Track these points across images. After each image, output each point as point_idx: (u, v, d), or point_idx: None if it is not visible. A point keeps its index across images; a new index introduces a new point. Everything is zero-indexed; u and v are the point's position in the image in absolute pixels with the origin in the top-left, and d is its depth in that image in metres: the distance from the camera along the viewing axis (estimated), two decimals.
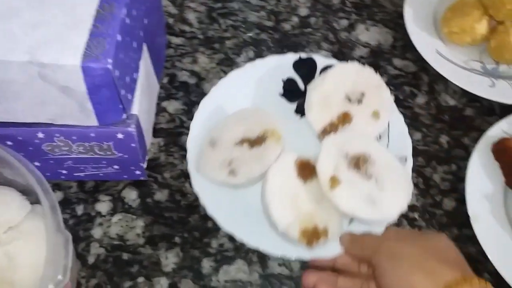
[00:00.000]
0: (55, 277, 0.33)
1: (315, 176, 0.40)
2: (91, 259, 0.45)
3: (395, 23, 0.61)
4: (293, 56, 0.49)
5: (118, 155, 0.43)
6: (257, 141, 0.42)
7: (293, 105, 0.48)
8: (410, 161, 0.45)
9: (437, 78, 0.56)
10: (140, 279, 0.44)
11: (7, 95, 0.37)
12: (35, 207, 0.41)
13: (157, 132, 0.52)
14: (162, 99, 0.54)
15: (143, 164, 0.45)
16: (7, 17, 0.36)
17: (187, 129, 0.52)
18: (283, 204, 0.39)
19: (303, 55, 0.49)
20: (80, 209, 0.47)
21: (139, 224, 0.47)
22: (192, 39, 0.59)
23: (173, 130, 0.52)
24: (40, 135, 0.40)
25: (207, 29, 0.60)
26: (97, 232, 0.46)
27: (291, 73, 0.49)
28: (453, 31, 0.56)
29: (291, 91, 0.49)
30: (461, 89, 0.55)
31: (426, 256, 0.35)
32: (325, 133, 0.43)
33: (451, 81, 0.54)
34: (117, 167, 0.45)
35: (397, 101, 0.55)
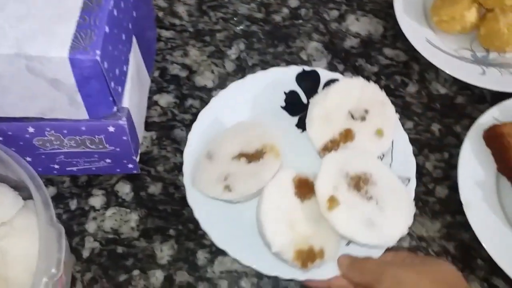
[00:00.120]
0: (48, 270, 0.33)
1: (313, 194, 0.39)
2: (86, 253, 0.45)
3: (385, 13, 0.61)
4: (296, 68, 0.48)
5: (110, 148, 0.43)
6: (255, 156, 0.41)
7: (295, 119, 0.47)
8: (413, 183, 0.43)
9: (428, 67, 0.56)
10: (135, 272, 0.44)
11: None
12: (28, 202, 0.41)
13: (149, 125, 0.51)
14: (153, 92, 0.53)
15: (135, 157, 0.45)
16: None
17: (179, 122, 0.52)
18: (278, 223, 0.38)
19: (307, 68, 0.48)
20: (73, 204, 0.47)
21: (133, 217, 0.47)
22: (182, 32, 0.58)
23: (166, 123, 0.52)
24: (30, 130, 0.40)
25: (197, 22, 0.59)
26: (91, 226, 0.46)
27: (293, 86, 0.48)
28: (443, 19, 0.57)
29: (293, 104, 0.48)
30: (452, 78, 0.55)
31: (432, 285, 0.35)
32: (326, 149, 0.42)
33: (442, 70, 0.54)
34: (110, 160, 0.45)
35: (388, 90, 0.55)
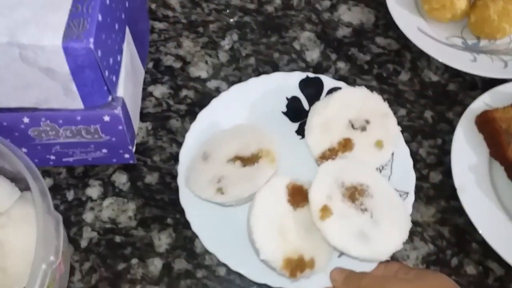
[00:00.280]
0: (47, 257, 0.33)
1: (306, 203, 0.39)
2: (84, 243, 0.45)
3: (376, 2, 0.62)
4: (300, 74, 0.48)
5: (105, 138, 0.43)
6: (250, 160, 0.40)
7: (295, 125, 0.47)
8: (411, 197, 0.43)
9: (420, 55, 0.57)
10: (133, 261, 0.44)
11: None
12: (25, 194, 0.41)
13: (145, 116, 0.52)
14: (148, 83, 0.54)
15: (131, 147, 0.45)
16: None
17: (174, 112, 0.52)
18: (268, 230, 0.37)
19: (311, 74, 0.48)
20: (70, 195, 0.47)
21: (131, 207, 0.47)
22: (175, 24, 0.59)
23: (161, 114, 0.52)
24: (25, 120, 0.40)
25: (190, 13, 0.60)
26: (88, 216, 0.46)
27: (296, 92, 0.48)
28: (433, 7, 0.57)
29: (295, 110, 0.47)
30: (443, 65, 0.56)
31: None
32: (323, 158, 0.42)
33: (434, 57, 0.55)
34: (106, 150, 0.45)
35: (381, 78, 0.56)
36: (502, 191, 0.48)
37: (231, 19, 0.59)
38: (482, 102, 0.52)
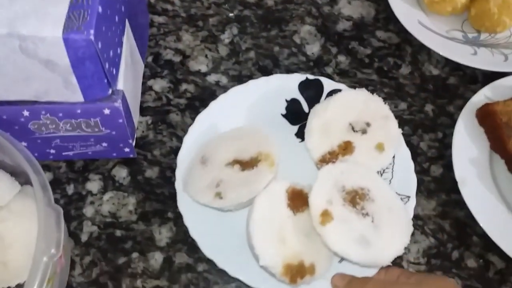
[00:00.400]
0: (48, 250, 0.33)
1: (306, 207, 0.38)
2: (84, 237, 0.45)
3: None
4: (299, 76, 0.48)
5: (105, 131, 0.43)
6: (249, 164, 0.40)
7: (295, 128, 0.46)
8: (413, 201, 0.42)
9: (420, 48, 0.57)
10: (134, 255, 0.44)
11: None
12: (25, 188, 0.41)
13: (145, 110, 0.51)
14: (147, 77, 0.53)
15: (131, 141, 0.45)
16: None
17: (174, 106, 0.52)
18: (267, 235, 0.37)
19: (310, 76, 0.48)
20: (70, 189, 0.47)
21: (131, 201, 0.47)
22: (175, 18, 0.58)
23: (160, 108, 0.52)
24: (25, 113, 0.40)
25: (189, 7, 0.59)
26: (88, 210, 0.46)
27: (296, 94, 0.47)
28: (434, 1, 0.57)
29: (294, 113, 0.47)
30: (444, 59, 0.56)
31: None
32: (323, 161, 0.41)
33: (434, 51, 0.55)
34: (106, 144, 0.45)
35: (381, 72, 0.56)
36: (502, 184, 0.48)
37: (231, 13, 0.59)
38: (482, 95, 0.52)
